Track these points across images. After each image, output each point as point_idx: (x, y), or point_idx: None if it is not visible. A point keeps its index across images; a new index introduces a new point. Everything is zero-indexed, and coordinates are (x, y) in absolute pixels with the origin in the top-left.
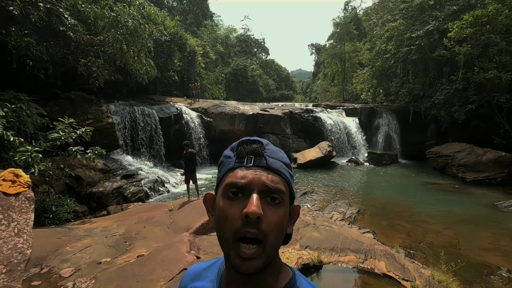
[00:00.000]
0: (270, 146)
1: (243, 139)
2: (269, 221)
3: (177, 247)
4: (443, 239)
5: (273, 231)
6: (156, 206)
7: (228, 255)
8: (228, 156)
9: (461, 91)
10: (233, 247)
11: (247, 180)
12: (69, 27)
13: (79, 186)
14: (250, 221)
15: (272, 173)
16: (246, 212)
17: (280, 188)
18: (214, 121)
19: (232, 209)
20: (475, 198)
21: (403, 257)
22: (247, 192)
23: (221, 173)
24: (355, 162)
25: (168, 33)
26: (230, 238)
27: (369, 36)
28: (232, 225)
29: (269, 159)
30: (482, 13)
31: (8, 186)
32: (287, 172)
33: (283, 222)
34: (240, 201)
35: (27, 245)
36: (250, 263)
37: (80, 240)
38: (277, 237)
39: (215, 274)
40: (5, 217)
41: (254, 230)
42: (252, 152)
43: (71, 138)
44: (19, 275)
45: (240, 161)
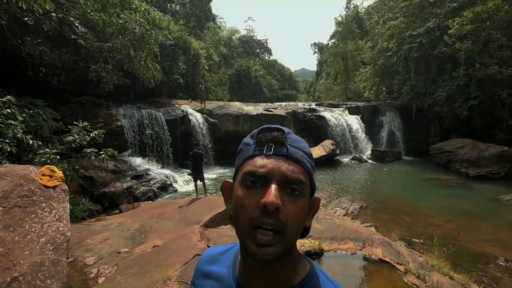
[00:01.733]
0: (291, 134)
1: (264, 127)
2: (288, 212)
3: (189, 237)
4: (443, 231)
5: (292, 222)
6: (166, 203)
7: (245, 242)
8: (247, 143)
9: (463, 87)
10: (249, 234)
11: (267, 169)
12: (80, 35)
13: (92, 186)
14: (268, 211)
15: (293, 162)
16: (264, 202)
17: (300, 179)
18: (219, 122)
19: (250, 198)
20: (477, 193)
21: (399, 245)
22: (266, 182)
23: (240, 161)
24: (359, 160)
25: (173, 37)
26: (247, 226)
27: (371, 35)
28: (249, 214)
29: (290, 148)
30: (482, 10)
31: (47, 180)
32: (308, 163)
33: (302, 214)
34: (259, 191)
35: (67, 228)
36: (266, 250)
37: (99, 233)
38: (296, 229)
39: (231, 260)
40: (48, 206)
41: (271, 221)
42: (273, 140)
43: (85, 140)
44: (63, 252)
45: (260, 149)
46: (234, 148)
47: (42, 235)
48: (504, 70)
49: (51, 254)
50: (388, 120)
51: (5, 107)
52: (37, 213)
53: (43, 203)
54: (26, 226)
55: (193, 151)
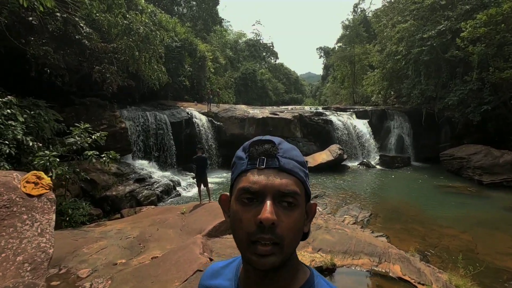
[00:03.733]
0: (283, 144)
1: (255, 139)
2: (284, 225)
3: (190, 248)
4: (459, 243)
5: (289, 234)
6: (168, 209)
7: (245, 253)
8: (240, 157)
9: (476, 91)
10: (248, 248)
11: (260, 185)
12: (85, 35)
13: (94, 189)
14: (264, 227)
15: (285, 174)
16: (260, 219)
17: (294, 191)
18: (225, 125)
19: (246, 214)
20: (492, 202)
21: (419, 261)
22: (260, 197)
23: (234, 175)
24: (367, 165)
25: (179, 39)
26: (245, 240)
27: (379, 38)
28: (246, 229)
29: (281, 160)
30: (496, 12)
31: (32, 188)
32: (301, 171)
33: (299, 224)
34: (254, 206)
35: (49, 244)
36: (266, 260)
37: (96, 242)
38: (293, 239)
39: (233, 273)
40: (29, 217)
41: (268, 236)
42: (264, 153)
43: (86, 142)
44: (43, 273)
45: (252, 163)
46: None
47: (20, 253)
48: None
49: (28, 275)
50: (396, 124)
51: (6, 107)
52: (16, 227)
53: (24, 215)
54: (2, 242)
55: (197, 155)
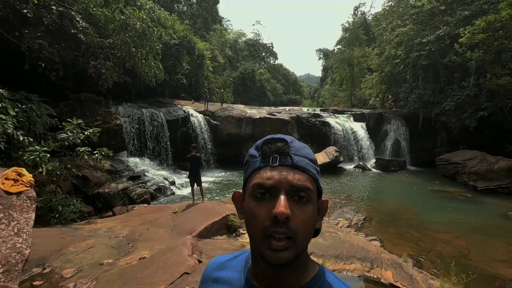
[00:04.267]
0: (295, 143)
1: (267, 138)
2: (298, 219)
3: (179, 250)
4: (453, 249)
5: (303, 228)
6: (160, 208)
7: (259, 248)
8: (253, 155)
9: (473, 97)
10: (263, 242)
11: (274, 181)
12: (81, 29)
13: (86, 186)
14: (278, 221)
15: (298, 171)
16: (274, 213)
17: (307, 186)
18: (221, 125)
19: (261, 209)
20: (487, 208)
21: (411, 267)
22: (274, 193)
23: (247, 173)
24: (363, 168)
25: (177, 36)
26: (260, 235)
27: (378, 41)
28: (261, 224)
29: (294, 157)
30: (495, 19)
31: (10, 185)
32: (313, 169)
33: (311, 219)
34: (268, 201)
35: (26, 245)
36: (280, 254)
37: (84, 240)
38: (306, 234)
39: (242, 265)
40: (6, 216)
41: (283, 230)
42: (277, 151)
43: (79, 138)
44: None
45: (266, 160)
46: (236, 151)
47: None
48: None
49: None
50: (393, 128)
51: None
52: None
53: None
54: None
55: (191, 154)
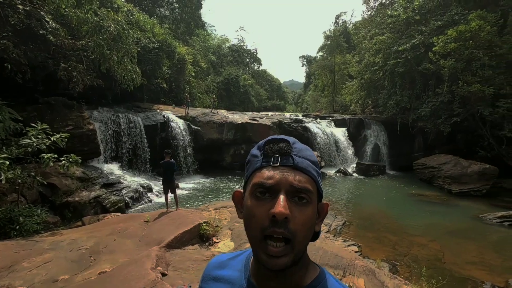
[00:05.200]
0: (297, 144)
1: (270, 138)
2: (297, 221)
3: (142, 263)
4: (428, 252)
5: (301, 230)
6: (132, 217)
7: (256, 252)
8: (255, 155)
9: (446, 104)
10: (261, 244)
11: (274, 180)
12: (50, 30)
13: (54, 195)
14: (277, 221)
15: (299, 172)
16: (273, 213)
17: (307, 188)
18: (202, 130)
19: (260, 209)
20: (461, 210)
21: (384, 273)
22: (274, 192)
23: (248, 172)
24: (344, 173)
25: (157, 40)
26: (258, 235)
27: (358, 49)
28: (259, 224)
29: (296, 158)
30: (465, 29)
31: None
32: (314, 171)
33: (311, 221)
34: (268, 201)
35: None
36: (277, 260)
37: (41, 254)
38: (305, 236)
39: (242, 264)
40: None
41: (281, 230)
42: (279, 151)
43: (44, 144)
44: None
45: (267, 160)
46: (217, 156)
47: None
48: (485, 88)
49: None
50: (373, 133)
51: None
52: None
53: None
54: None
55: (165, 160)
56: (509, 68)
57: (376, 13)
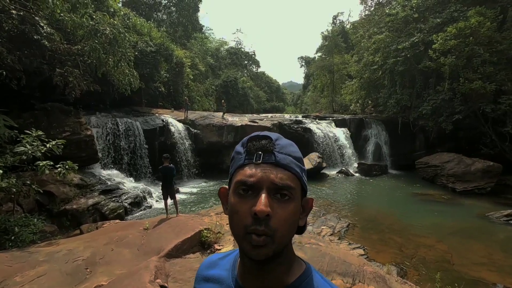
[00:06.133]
0: (280, 140)
1: (253, 135)
2: (279, 217)
3: (139, 275)
4: (435, 253)
5: (283, 226)
6: (131, 224)
7: (241, 244)
8: (238, 152)
9: (448, 101)
10: (245, 238)
11: (256, 178)
12: (45, 35)
13: (51, 203)
14: (259, 218)
15: (281, 169)
16: (254, 210)
17: (289, 185)
18: (202, 133)
19: (242, 206)
20: (465, 209)
21: (395, 279)
22: (256, 190)
23: (232, 169)
24: (345, 173)
25: (154, 44)
26: (241, 232)
27: (356, 49)
28: (242, 221)
29: (278, 155)
30: (465, 26)
31: None
32: (297, 167)
33: (293, 217)
34: (250, 198)
35: None
36: (260, 250)
37: (35, 267)
38: (287, 232)
39: (231, 264)
40: None
41: (262, 228)
42: (261, 148)
43: (39, 152)
44: None
45: (250, 157)
46: (217, 160)
47: None
48: (487, 85)
49: None
50: (374, 133)
51: None
52: None
53: None
54: None
55: (163, 165)
56: (509, 64)
57: (374, 12)
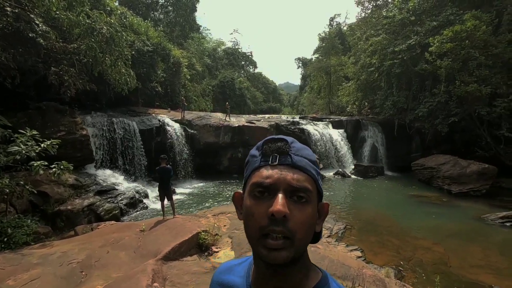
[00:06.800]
0: (295, 143)
1: (268, 138)
2: (296, 219)
3: (137, 279)
4: (433, 256)
5: (301, 229)
6: (127, 225)
7: (256, 247)
8: (253, 155)
9: (444, 104)
10: (259, 241)
11: (273, 179)
12: (40, 33)
13: (46, 203)
14: (276, 219)
15: (297, 171)
16: (271, 211)
17: (306, 187)
18: (199, 134)
19: (258, 208)
20: (461, 211)
21: (394, 283)
22: (272, 192)
23: (247, 172)
24: (342, 175)
25: (151, 43)
26: (257, 234)
27: (353, 50)
28: (258, 223)
29: (294, 157)
30: (461, 29)
31: None
32: (313, 170)
33: (311, 220)
34: (266, 200)
35: None
36: (277, 254)
37: (28, 270)
38: (305, 235)
39: (245, 270)
40: None
41: (280, 228)
42: (277, 150)
43: (34, 151)
44: None
45: (265, 159)
46: (214, 160)
47: None
48: (482, 88)
49: None
50: (370, 134)
51: None
52: None
53: None
54: None
55: (160, 166)
56: (505, 67)
57: (371, 14)
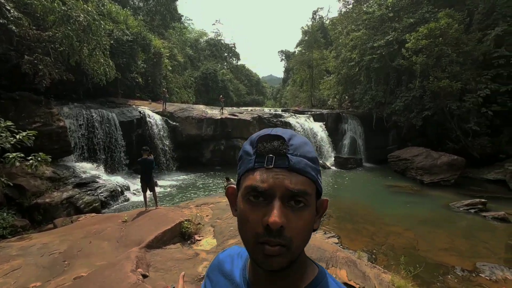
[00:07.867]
0: (294, 140)
1: (264, 134)
2: (294, 227)
3: (121, 265)
4: (403, 241)
5: (298, 235)
6: (108, 217)
7: (252, 253)
8: (247, 152)
9: (418, 98)
10: (256, 247)
11: (268, 184)
12: (12, 19)
13: (22, 196)
14: (271, 230)
15: (295, 174)
16: (267, 222)
17: (305, 191)
18: (181, 126)
19: (254, 214)
20: (432, 200)
21: (365, 264)
22: (268, 197)
23: (241, 171)
24: (322, 166)
25: (131, 32)
26: (253, 240)
27: (335, 45)
28: (253, 229)
29: (292, 159)
30: (435, 26)
31: None
32: (313, 170)
33: (308, 225)
34: (261, 206)
35: None
36: (273, 260)
37: (8, 261)
38: (302, 241)
39: (243, 263)
40: None
41: (276, 240)
42: (273, 151)
43: (9, 143)
44: None
45: (260, 161)
46: (196, 153)
47: None
48: (454, 84)
49: None
50: (350, 127)
51: None
52: None
53: None
54: None
55: (142, 158)
56: (474, 64)
57: (352, 9)
